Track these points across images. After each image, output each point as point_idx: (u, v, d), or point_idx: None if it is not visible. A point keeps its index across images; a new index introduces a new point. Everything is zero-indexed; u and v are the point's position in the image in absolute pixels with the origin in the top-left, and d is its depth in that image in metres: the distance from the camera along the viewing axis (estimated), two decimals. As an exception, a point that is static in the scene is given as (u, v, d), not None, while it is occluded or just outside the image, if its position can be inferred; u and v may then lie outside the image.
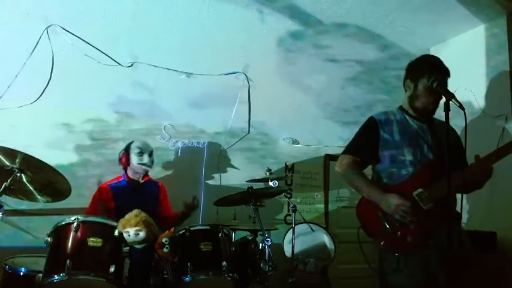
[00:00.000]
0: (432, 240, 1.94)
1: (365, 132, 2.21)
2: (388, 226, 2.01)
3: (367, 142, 2.17)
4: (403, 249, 1.97)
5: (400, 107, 2.22)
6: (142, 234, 2.01)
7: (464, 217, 1.87)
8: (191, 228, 2.31)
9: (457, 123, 2.14)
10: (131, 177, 2.89)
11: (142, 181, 2.92)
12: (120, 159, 2.89)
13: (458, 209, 1.90)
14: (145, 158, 2.85)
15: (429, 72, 2.01)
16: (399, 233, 1.99)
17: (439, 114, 2.03)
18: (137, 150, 2.84)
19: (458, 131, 2.27)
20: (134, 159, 2.84)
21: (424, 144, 2.07)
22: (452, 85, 2.07)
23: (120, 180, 2.88)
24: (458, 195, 1.93)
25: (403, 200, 1.94)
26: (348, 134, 4.00)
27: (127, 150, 2.88)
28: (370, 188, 2.08)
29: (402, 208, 1.93)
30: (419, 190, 1.98)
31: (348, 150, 2.23)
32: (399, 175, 2.07)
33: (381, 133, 2.12)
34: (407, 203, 1.93)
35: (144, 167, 2.85)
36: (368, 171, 2.24)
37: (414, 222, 1.94)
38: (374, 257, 2.18)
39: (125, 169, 2.91)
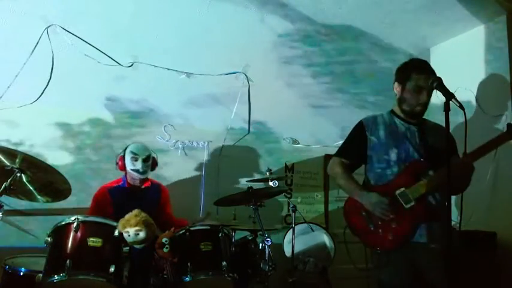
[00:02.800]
0: (415, 239, 2.02)
1: (352, 135, 2.33)
2: (370, 224, 2.10)
3: (354, 145, 2.29)
4: (384, 247, 2.06)
5: (391, 111, 2.30)
6: (142, 234, 2.01)
7: (465, 217, 1.91)
8: (191, 228, 2.31)
9: (457, 122, 2.14)
10: (130, 182, 2.73)
11: (143, 187, 2.75)
12: (116, 163, 2.73)
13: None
14: (139, 164, 2.64)
15: (417, 74, 2.10)
16: (380, 230, 2.07)
17: (435, 115, 2.04)
18: (131, 155, 2.66)
19: (458, 131, 2.27)
20: (128, 164, 2.67)
21: (410, 145, 2.13)
22: (452, 85, 2.07)
23: (120, 184, 2.72)
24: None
25: (381, 198, 2.04)
26: (347, 134, 4.02)
27: (123, 153, 2.73)
28: (352, 187, 2.22)
29: (381, 206, 2.03)
30: (402, 189, 2.05)
31: (337, 152, 2.37)
32: (384, 175, 2.15)
33: (367, 135, 2.22)
34: (386, 201, 2.03)
35: (135, 173, 2.66)
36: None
37: (395, 220, 2.03)
38: (369, 257, 2.21)
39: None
